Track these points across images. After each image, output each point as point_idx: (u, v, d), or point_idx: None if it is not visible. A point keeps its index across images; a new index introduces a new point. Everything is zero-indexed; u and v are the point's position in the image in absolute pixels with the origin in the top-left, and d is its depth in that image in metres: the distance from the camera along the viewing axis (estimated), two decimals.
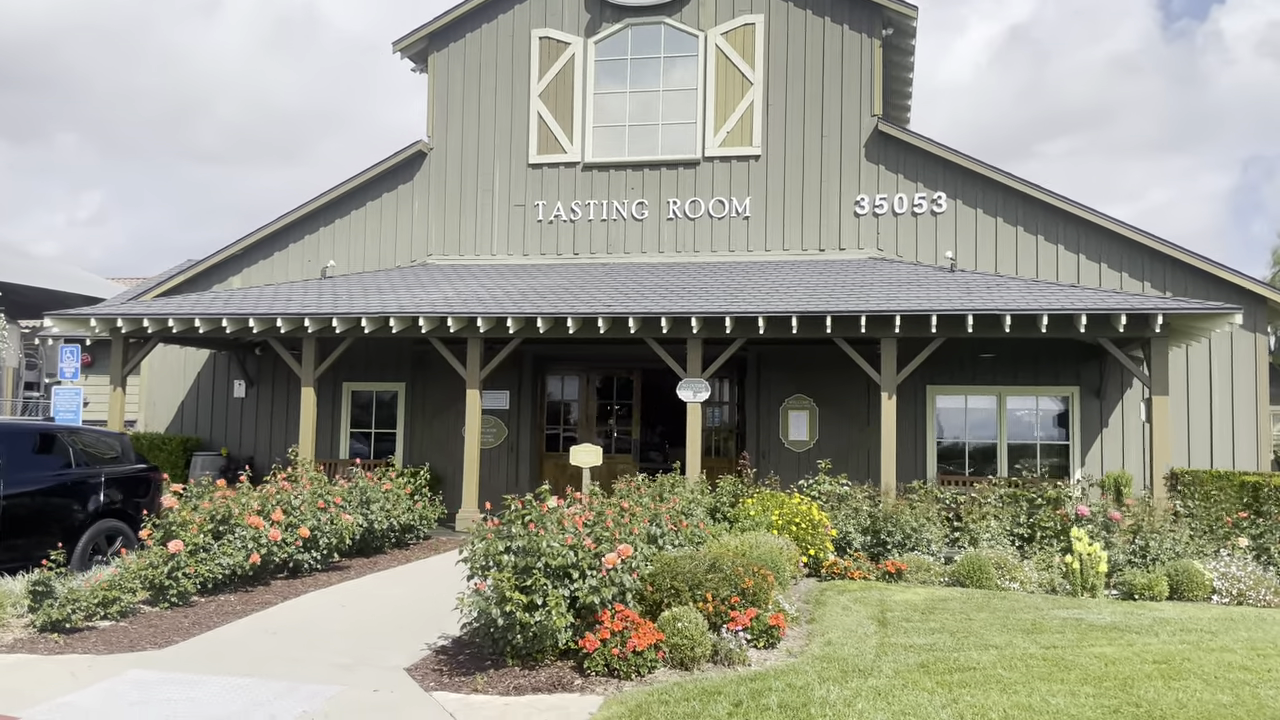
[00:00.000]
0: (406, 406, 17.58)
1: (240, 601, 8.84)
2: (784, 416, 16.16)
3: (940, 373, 15.31)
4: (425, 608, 8.70)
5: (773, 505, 10.38)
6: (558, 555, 6.37)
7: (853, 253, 16.13)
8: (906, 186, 16.05)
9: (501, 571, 6.34)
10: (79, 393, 14.01)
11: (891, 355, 12.86)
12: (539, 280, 15.72)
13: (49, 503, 9.35)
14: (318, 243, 18.13)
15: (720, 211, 16.70)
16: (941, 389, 15.61)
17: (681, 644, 6.33)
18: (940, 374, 15.36)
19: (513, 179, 17.51)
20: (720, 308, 12.96)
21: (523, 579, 6.30)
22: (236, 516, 9.29)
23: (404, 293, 15.20)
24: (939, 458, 15.64)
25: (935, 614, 8.12)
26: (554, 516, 6.69)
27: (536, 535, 6.41)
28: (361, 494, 11.20)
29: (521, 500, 7.11)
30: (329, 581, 9.83)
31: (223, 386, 18.26)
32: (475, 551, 6.85)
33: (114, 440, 10.66)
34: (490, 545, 6.52)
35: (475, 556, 6.85)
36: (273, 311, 14.19)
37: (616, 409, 17.82)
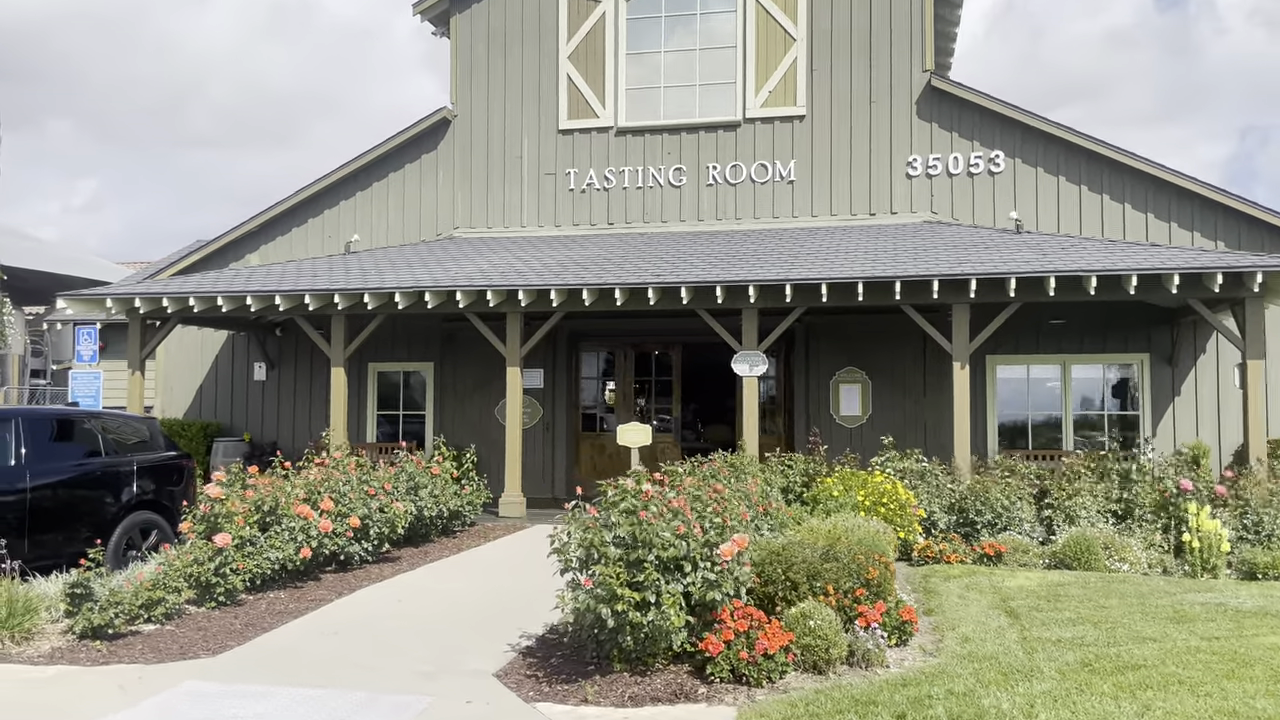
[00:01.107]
0: (436, 387, 16.81)
1: (291, 599, 8.10)
2: (834, 390, 15.40)
3: (1002, 342, 14.50)
4: (495, 602, 7.96)
5: (855, 484, 9.63)
6: (670, 546, 5.61)
7: (905, 216, 15.31)
8: (961, 145, 15.21)
9: (608, 565, 5.58)
10: (98, 376, 13.24)
11: (964, 322, 12.08)
12: (575, 252, 14.92)
13: (78, 494, 8.59)
14: (338, 217, 17.30)
15: (763, 176, 15.87)
16: (1003, 359, 14.83)
17: (815, 645, 5.59)
18: (1002, 343, 14.55)
19: (542, 146, 16.66)
20: (779, 275, 12.16)
21: (633, 573, 5.54)
22: (283, 506, 8.54)
23: (435, 266, 14.40)
24: (999, 432, 14.89)
25: (1060, 601, 7.38)
26: (658, 503, 5.93)
27: (648, 524, 5.64)
28: (409, 479, 10.44)
29: (614, 483, 6.36)
30: (382, 574, 9.08)
31: (242, 369, 17.48)
32: (571, 542, 6.09)
33: (142, 425, 9.90)
34: (592, 535, 5.76)
35: (569, 548, 6.09)
36: (299, 288, 13.38)
37: (656, 386, 17.05)
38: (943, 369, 14.95)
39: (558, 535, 6.34)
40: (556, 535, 6.34)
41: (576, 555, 5.97)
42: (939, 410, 14.91)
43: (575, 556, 6.01)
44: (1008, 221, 14.83)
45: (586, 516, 6.14)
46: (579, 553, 5.89)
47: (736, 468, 9.58)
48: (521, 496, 13.43)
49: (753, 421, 12.72)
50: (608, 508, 6.06)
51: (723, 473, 8.75)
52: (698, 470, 8.57)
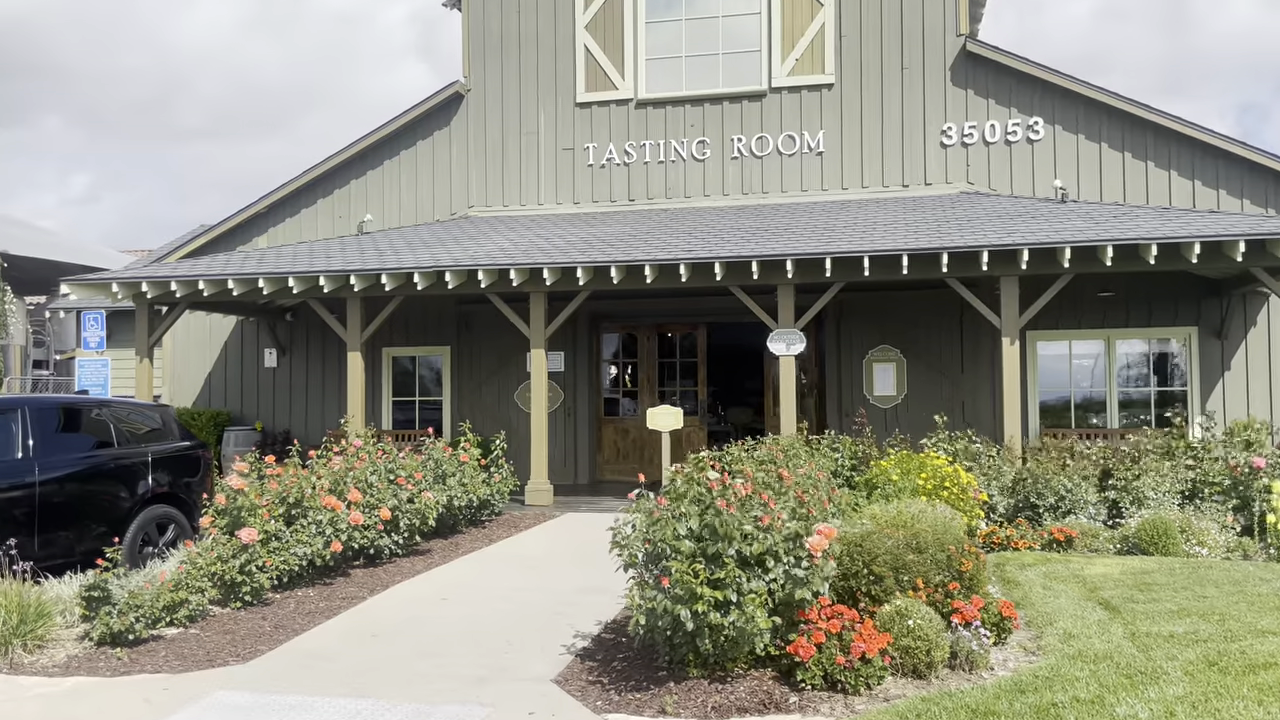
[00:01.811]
0: (452, 372, 16.25)
1: (321, 597, 7.57)
2: (868, 370, 14.84)
3: (1043, 317, 13.87)
4: (540, 599, 7.43)
5: (911, 467, 9.09)
6: (752, 539, 5.07)
7: (940, 187, 14.71)
8: (998, 112, 14.59)
9: (683, 561, 5.04)
10: (106, 363, 12.69)
11: (1013, 295, 11.51)
12: (597, 229, 14.33)
13: (90, 488, 8.05)
14: (349, 197, 16.70)
15: (790, 148, 15.25)
16: (1044, 335, 14.26)
17: (914, 646, 5.05)
18: (1043, 319, 13.93)
19: (559, 120, 16.04)
20: (818, 249, 11.58)
21: (711, 570, 5.00)
22: (309, 498, 8.00)
23: (453, 246, 13.82)
24: (1040, 413, 14.33)
25: (1153, 591, 6.85)
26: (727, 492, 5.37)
27: (728, 515, 5.09)
28: (437, 467, 9.90)
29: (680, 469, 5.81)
30: (414, 569, 8.55)
31: (252, 356, 16.92)
32: (635, 535, 5.54)
33: (155, 414, 9.35)
34: (664, 529, 5.20)
35: (633, 542, 5.55)
36: (313, 269, 12.81)
37: (681, 367, 16.49)
38: (980, 346, 14.41)
39: (619, 529, 5.80)
40: (618, 529, 5.80)
41: (643, 550, 5.42)
42: (976, 389, 14.38)
43: (641, 551, 5.46)
44: (1048, 191, 14.24)
45: (651, 505, 5.59)
46: (645, 547, 5.34)
47: (789, 453, 9.03)
48: (548, 484, 12.90)
49: (790, 403, 12.16)
50: (676, 497, 5.51)
51: (778, 457, 8.21)
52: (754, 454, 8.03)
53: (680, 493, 5.51)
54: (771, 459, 7.71)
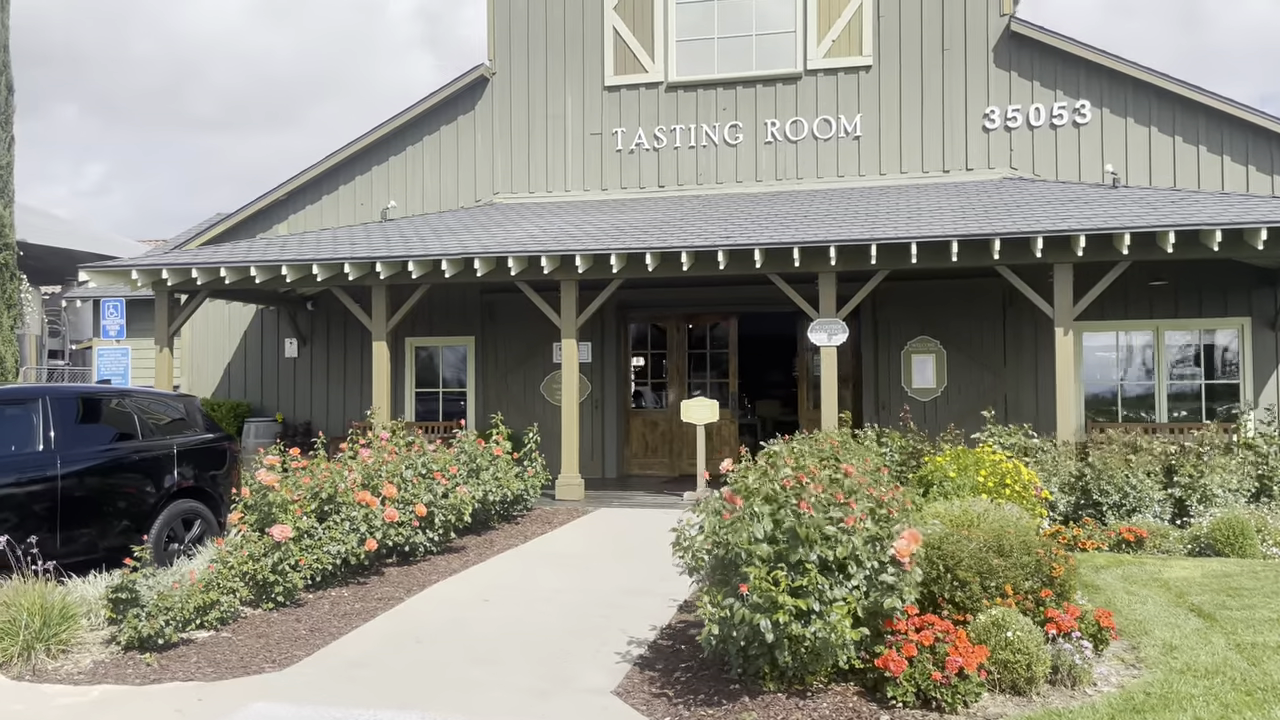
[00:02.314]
0: (477, 362, 15.87)
1: (356, 597, 7.20)
2: (906, 361, 14.40)
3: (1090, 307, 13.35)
4: (587, 600, 7.04)
5: (968, 463, 8.66)
6: (836, 543, 4.66)
7: (983, 173, 14.24)
8: (1043, 95, 14.10)
9: (760, 567, 4.63)
10: (126, 352, 12.35)
11: (1067, 283, 11.04)
12: (627, 216, 13.92)
13: (113, 482, 7.70)
14: (370, 183, 16.32)
15: (826, 132, 14.80)
16: (1090, 326, 13.75)
17: (1014, 661, 4.64)
18: (1090, 308, 13.38)
19: (586, 104, 15.62)
20: (863, 235, 11.14)
21: (792, 577, 4.59)
22: (343, 494, 7.63)
23: (480, 233, 13.43)
24: (1084, 403, 13.86)
25: (1243, 596, 6.42)
26: (805, 491, 4.95)
27: (809, 516, 4.68)
28: (470, 461, 9.52)
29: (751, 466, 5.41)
30: (450, 567, 8.17)
31: (272, 345, 16.57)
32: (701, 537, 5.14)
33: (179, 404, 8.99)
34: (739, 531, 4.79)
35: (698, 543, 5.15)
36: (338, 256, 12.44)
37: (711, 359, 16.07)
38: (1022, 337, 13.95)
39: (682, 530, 5.40)
40: (681, 530, 5.40)
41: (712, 554, 5.01)
42: (1019, 381, 13.93)
43: (709, 555, 5.06)
44: (1095, 176, 13.77)
45: (718, 503, 5.18)
46: (716, 551, 4.93)
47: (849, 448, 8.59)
48: (579, 478, 12.51)
49: (831, 395, 11.73)
50: (748, 495, 5.10)
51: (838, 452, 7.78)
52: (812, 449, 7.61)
53: (752, 490, 5.11)
54: (832, 454, 7.30)
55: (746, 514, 4.83)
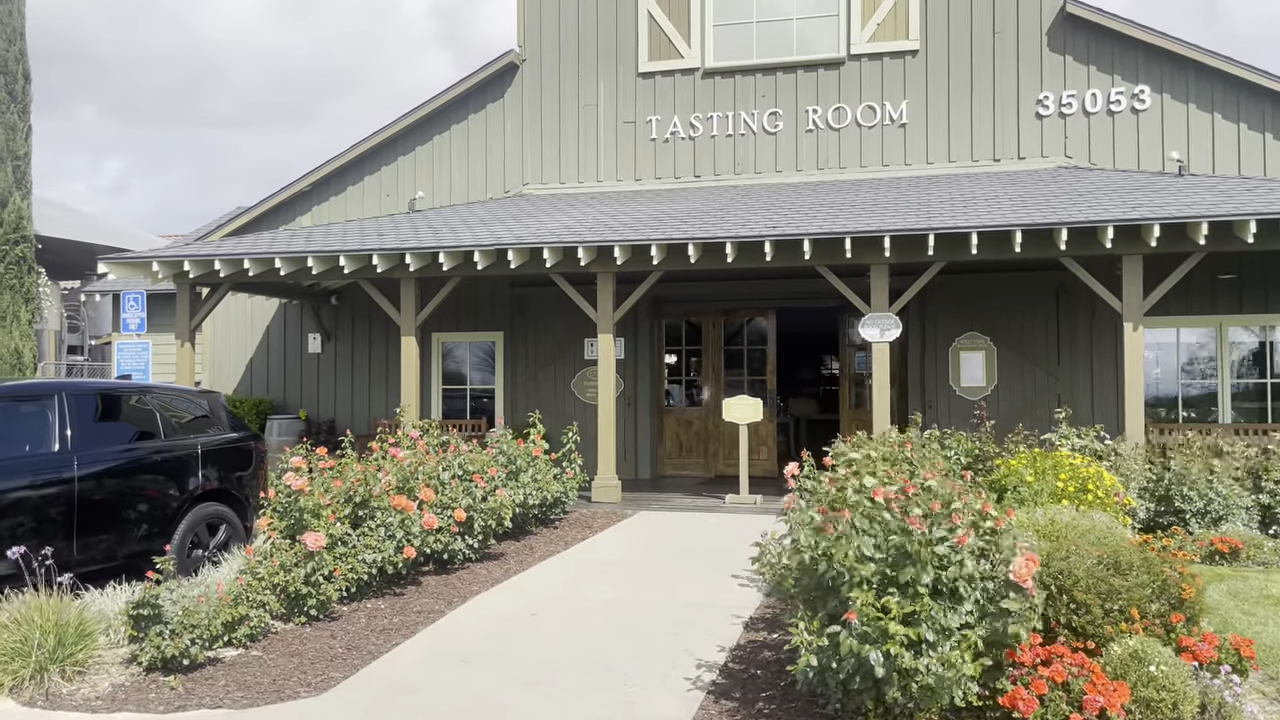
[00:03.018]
0: (506, 359, 15.35)
1: (393, 609, 6.68)
2: (954, 358, 13.79)
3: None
4: (644, 615, 6.50)
5: (1044, 467, 8.08)
6: (950, 563, 4.10)
7: (1035, 162, 13.61)
8: (1100, 80, 13.46)
9: (867, 591, 4.08)
10: (148, 346, 11.89)
11: (1137, 275, 10.42)
12: (663, 206, 13.36)
13: (133, 484, 7.21)
14: (396, 174, 15.83)
15: (870, 119, 14.20)
16: (1148, 321, 13.01)
17: (1157, 699, 4.07)
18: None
19: (620, 92, 15.07)
20: (919, 224, 10.56)
21: (907, 602, 4.03)
22: (377, 497, 7.12)
23: (512, 224, 12.90)
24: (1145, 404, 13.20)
25: None
26: (912, 504, 4.39)
27: (920, 533, 4.12)
28: (509, 463, 9.00)
29: (835, 476, 4.85)
30: (490, 576, 7.65)
31: (295, 341, 16.11)
32: (786, 554, 4.59)
33: (203, 401, 8.50)
34: (842, 547, 4.23)
35: (782, 560, 4.59)
36: (365, 248, 11.94)
37: (747, 355, 15.50)
38: (1077, 333, 13.34)
39: (766, 547, 4.85)
40: (765, 547, 4.85)
41: (805, 571, 4.45)
42: (1074, 380, 13.31)
43: (799, 572, 4.50)
44: (1154, 164, 13.13)
45: (808, 515, 4.62)
46: (818, 569, 4.36)
47: (926, 453, 8.03)
48: (616, 479, 11.97)
49: (884, 394, 11.15)
50: (839, 505, 4.54)
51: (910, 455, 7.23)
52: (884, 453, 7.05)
53: (842, 501, 4.55)
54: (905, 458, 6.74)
55: (849, 529, 4.26)
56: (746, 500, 11.64)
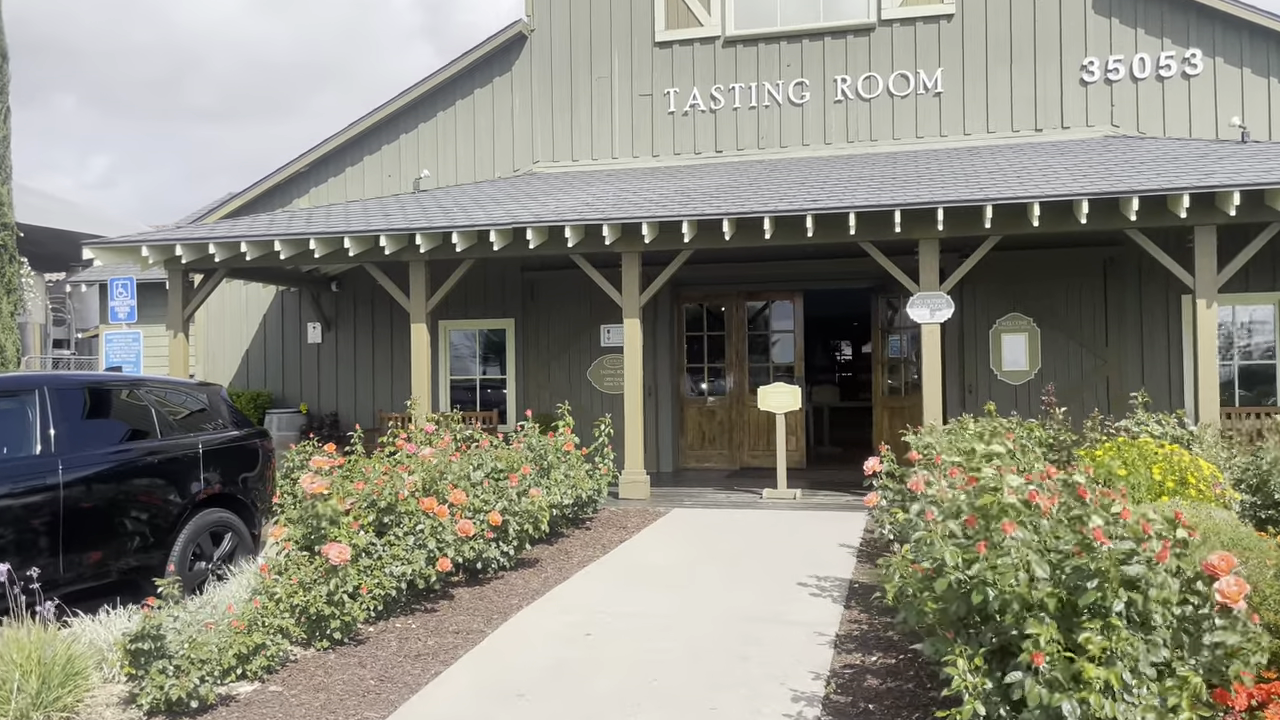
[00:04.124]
0: (517, 347, 14.54)
1: (427, 630, 5.88)
2: (995, 341, 13.03)
3: None
4: (708, 634, 5.72)
5: (1131, 457, 7.32)
6: (1151, 584, 3.32)
7: (1080, 131, 12.83)
8: (1148, 44, 12.69)
9: (1046, 623, 3.29)
10: (138, 336, 11.01)
11: (1210, 248, 9.66)
12: (686, 182, 12.55)
13: (127, 490, 6.38)
14: (398, 153, 14.97)
15: (903, 88, 13.39)
16: None
17: None
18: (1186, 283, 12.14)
19: (635, 63, 14.23)
20: (974, 195, 9.77)
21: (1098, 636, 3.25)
22: (403, 501, 6.31)
23: (527, 201, 12.08)
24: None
25: None
26: (1092, 512, 3.61)
27: (1105, 548, 3.34)
28: (540, 459, 8.20)
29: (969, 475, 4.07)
30: (528, 587, 6.86)
31: (294, 330, 15.26)
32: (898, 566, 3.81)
33: (202, 395, 7.67)
34: (1006, 575, 3.44)
35: (916, 595, 3.81)
36: (372, 228, 11.10)
37: (772, 340, 14.72)
38: (1126, 313, 12.59)
39: (889, 573, 4.06)
40: (888, 574, 4.05)
41: (956, 595, 3.66)
42: (1123, 363, 12.57)
43: (940, 596, 3.71)
44: (1209, 132, 12.38)
45: (947, 526, 3.83)
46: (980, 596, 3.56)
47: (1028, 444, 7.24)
48: (645, 474, 11.18)
49: (934, 381, 10.39)
50: (988, 513, 3.75)
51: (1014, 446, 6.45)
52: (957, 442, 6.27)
53: (989, 509, 3.76)
54: (1009, 452, 5.97)
55: (1015, 545, 3.47)
56: (785, 495, 10.87)
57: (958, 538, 3.74)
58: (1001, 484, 3.85)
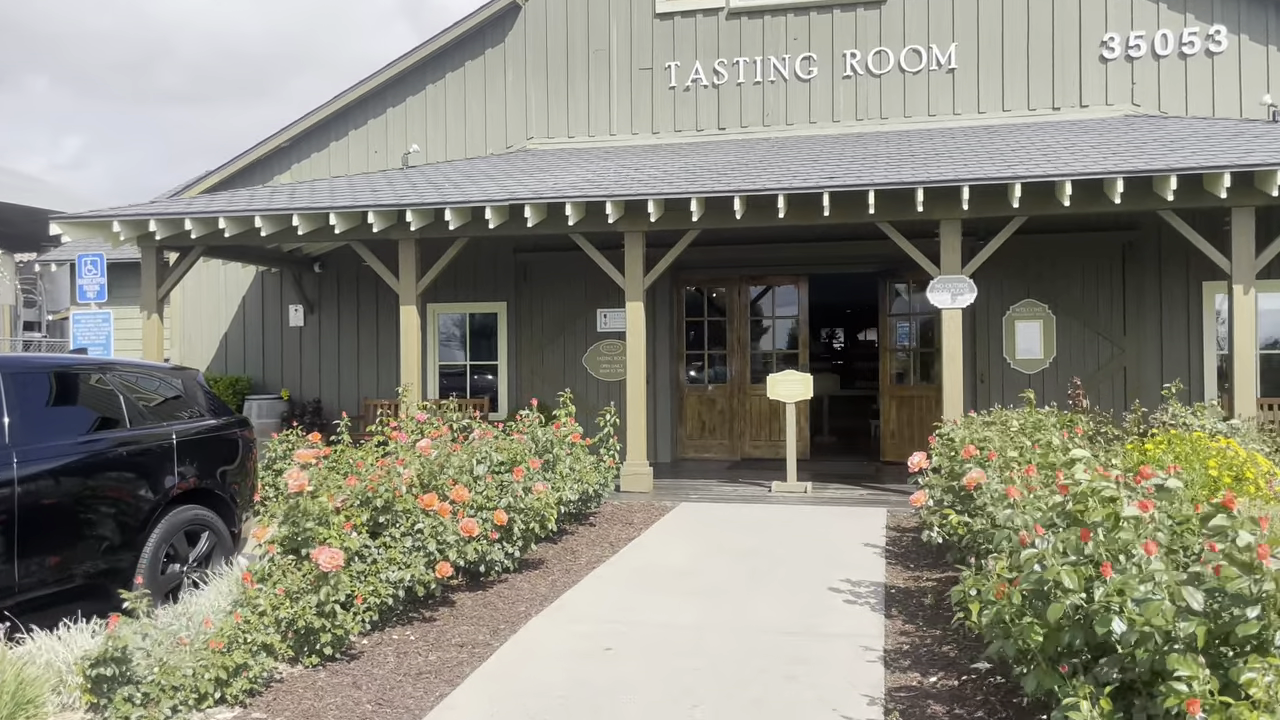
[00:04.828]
0: (510, 332, 13.92)
1: (427, 643, 5.30)
2: (1008, 328, 12.53)
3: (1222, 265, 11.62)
4: (740, 649, 5.17)
5: (1185, 450, 6.82)
6: None
7: (1099, 110, 12.33)
8: (1171, 19, 12.18)
9: (1196, 665, 2.75)
10: (108, 317, 10.33)
11: (1248, 231, 9.18)
12: (690, 160, 11.96)
13: (93, 485, 5.75)
14: (385, 127, 14.29)
15: (915, 64, 12.84)
16: (1224, 286, 11.88)
17: None
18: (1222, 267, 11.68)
19: (635, 35, 13.60)
20: (1002, 173, 9.23)
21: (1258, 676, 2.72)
22: (401, 499, 5.72)
23: (523, 178, 11.46)
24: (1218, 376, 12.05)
25: None
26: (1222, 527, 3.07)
27: (1272, 570, 2.80)
28: (545, 450, 7.62)
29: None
30: (536, 592, 6.28)
31: (275, 313, 14.57)
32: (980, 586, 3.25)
33: (176, 380, 7.03)
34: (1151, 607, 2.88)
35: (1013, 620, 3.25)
36: (359, 204, 10.45)
37: (775, 327, 14.18)
38: (1144, 300, 12.12)
39: (965, 590, 3.50)
40: (964, 592, 3.50)
41: (1069, 624, 3.11)
42: (1141, 353, 12.10)
43: (1052, 623, 3.16)
44: (1233, 111, 11.90)
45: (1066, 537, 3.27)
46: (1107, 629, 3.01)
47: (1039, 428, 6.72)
48: (648, 466, 10.62)
49: (955, 369, 9.87)
50: (1102, 526, 3.20)
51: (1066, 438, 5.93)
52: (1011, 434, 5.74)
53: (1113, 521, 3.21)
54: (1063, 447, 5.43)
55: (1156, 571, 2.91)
56: (795, 488, 10.34)
57: (1065, 554, 3.19)
58: (1119, 494, 3.30)
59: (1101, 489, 3.36)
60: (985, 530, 5.01)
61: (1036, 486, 4.33)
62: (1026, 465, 4.87)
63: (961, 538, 5.28)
